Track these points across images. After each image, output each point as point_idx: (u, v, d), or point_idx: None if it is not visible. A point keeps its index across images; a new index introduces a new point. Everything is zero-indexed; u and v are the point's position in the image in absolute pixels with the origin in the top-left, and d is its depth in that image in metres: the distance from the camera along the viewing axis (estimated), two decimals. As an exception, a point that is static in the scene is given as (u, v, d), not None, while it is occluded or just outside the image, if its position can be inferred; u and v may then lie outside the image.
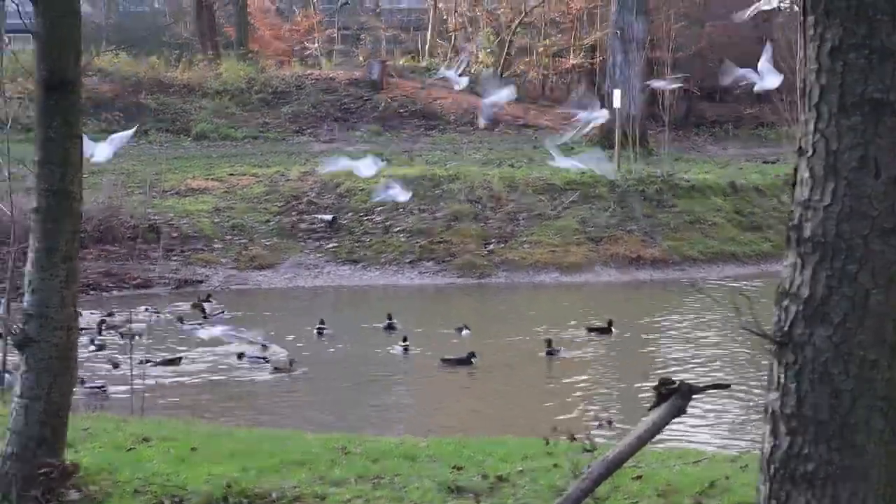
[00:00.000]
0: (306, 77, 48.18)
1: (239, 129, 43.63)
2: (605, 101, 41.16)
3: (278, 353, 21.79)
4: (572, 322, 24.46)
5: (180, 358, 21.29)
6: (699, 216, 32.68)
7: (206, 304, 25.46)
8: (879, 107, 5.62)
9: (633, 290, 28.24)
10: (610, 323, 23.58)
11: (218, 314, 24.91)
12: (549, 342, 21.28)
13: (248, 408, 18.59)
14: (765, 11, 39.36)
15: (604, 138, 41.34)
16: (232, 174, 33.82)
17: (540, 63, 54.66)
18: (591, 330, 23.71)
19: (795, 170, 6.00)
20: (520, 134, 45.80)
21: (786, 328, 5.93)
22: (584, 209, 31.88)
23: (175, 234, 30.03)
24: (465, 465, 10.17)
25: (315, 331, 23.84)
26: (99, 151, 17.81)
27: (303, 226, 31.37)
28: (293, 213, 31.72)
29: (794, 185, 6.01)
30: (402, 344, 22.33)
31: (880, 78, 5.62)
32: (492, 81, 29.75)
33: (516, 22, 55.00)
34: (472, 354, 21.08)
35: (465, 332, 23.23)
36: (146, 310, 24.97)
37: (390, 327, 23.78)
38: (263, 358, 21.35)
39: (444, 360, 21.32)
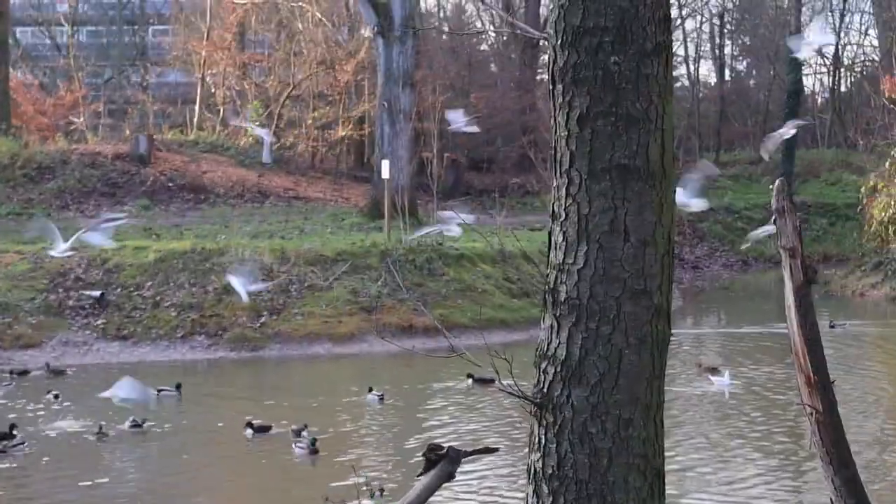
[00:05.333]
0: (72, 152, 47.43)
1: (2, 205, 42.65)
2: (375, 172, 41.59)
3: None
4: (353, 389, 24.45)
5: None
6: (469, 284, 33.08)
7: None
8: (626, 172, 5.81)
9: (406, 359, 28.36)
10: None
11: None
12: (313, 441, 19.73)
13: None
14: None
15: (373, 208, 41.66)
16: (-6, 252, 32.92)
17: (309, 135, 54.91)
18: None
19: (550, 234, 6.18)
20: (290, 206, 45.80)
21: (545, 389, 6.06)
22: (356, 279, 31.98)
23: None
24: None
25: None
26: None
27: (70, 302, 30.63)
28: (60, 290, 30.98)
29: (549, 249, 6.18)
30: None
31: (626, 144, 5.82)
32: None
33: (285, 95, 55.26)
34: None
35: (371, 395, 22.94)
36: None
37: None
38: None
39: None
